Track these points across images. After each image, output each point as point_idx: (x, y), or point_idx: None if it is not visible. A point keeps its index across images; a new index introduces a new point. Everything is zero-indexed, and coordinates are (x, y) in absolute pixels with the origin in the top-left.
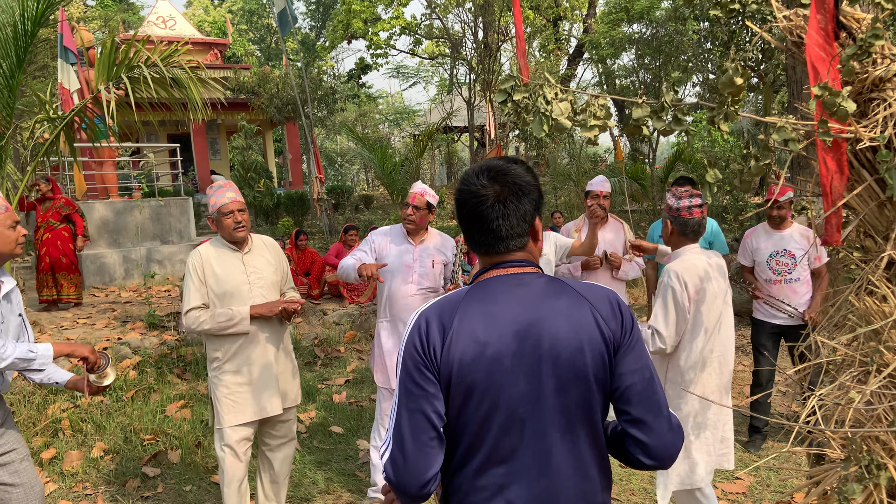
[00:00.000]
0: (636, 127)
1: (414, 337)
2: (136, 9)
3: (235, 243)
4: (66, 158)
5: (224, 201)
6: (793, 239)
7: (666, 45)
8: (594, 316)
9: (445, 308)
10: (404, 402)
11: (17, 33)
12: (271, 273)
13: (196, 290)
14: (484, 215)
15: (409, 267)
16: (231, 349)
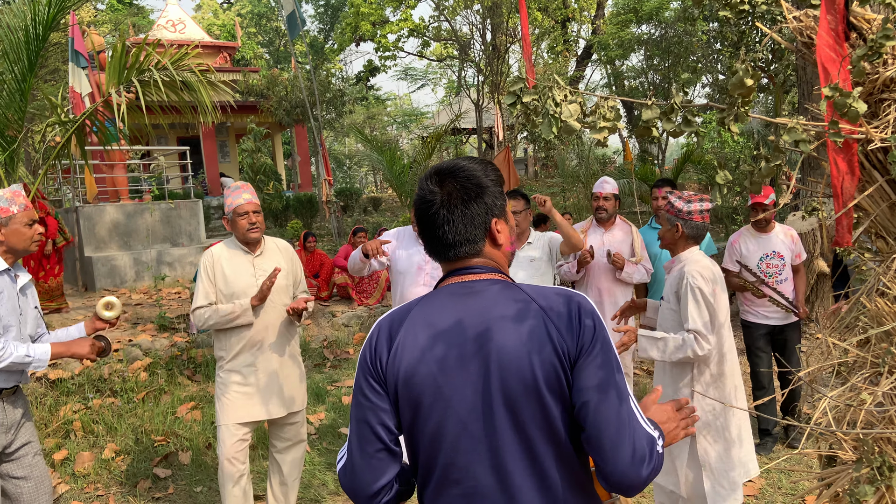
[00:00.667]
0: (646, 128)
1: (366, 347)
2: (145, 12)
3: (248, 244)
4: (78, 161)
5: (240, 202)
6: (779, 239)
7: (675, 45)
8: (546, 326)
9: (396, 318)
10: (354, 412)
11: (28, 37)
12: (281, 277)
13: (204, 289)
14: (431, 221)
15: (420, 268)
16: (235, 349)
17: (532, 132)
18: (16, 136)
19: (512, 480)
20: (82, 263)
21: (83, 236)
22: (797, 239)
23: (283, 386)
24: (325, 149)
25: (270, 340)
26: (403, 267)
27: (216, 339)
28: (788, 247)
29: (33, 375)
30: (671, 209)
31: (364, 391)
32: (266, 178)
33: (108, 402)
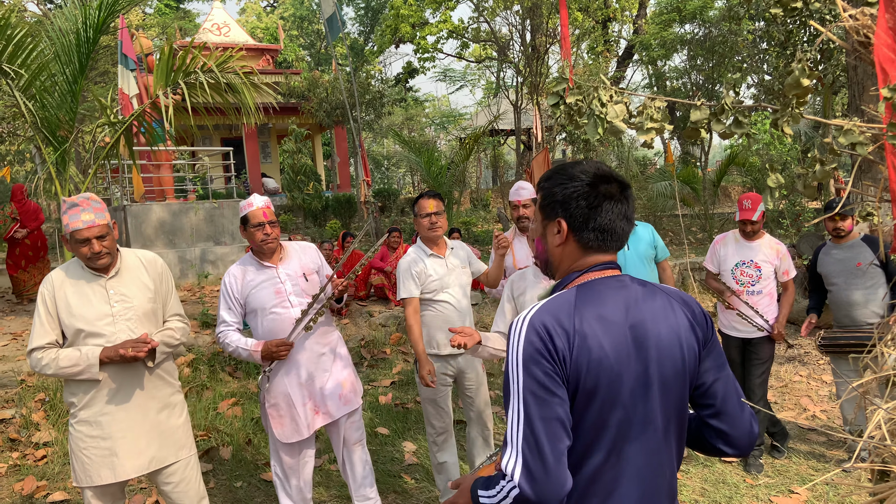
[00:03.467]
0: (694, 130)
1: (536, 343)
2: (192, 16)
3: (96, 269)
4: (126, 161)
5: (78, 225)
6: (761, 251)
7: (719, 45)
8: (687, 316)
9: (561, 312)
10: (536, 411)
11: (79, 40)
12: (145, 301)
13: (42, 326)
14: (610, 213)
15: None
16: (86, 396)
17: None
18: (67, 137)
19: (661, 460)
20: None
21: (130, 234)
22: (784, 255)
23: (157, 433)
24: (363, 150)
25: (133, 382)
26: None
27: (65, 382)
28: (770, 260)
29: None
30: None
31: (547, 386)
32: (306, 179)
33: None
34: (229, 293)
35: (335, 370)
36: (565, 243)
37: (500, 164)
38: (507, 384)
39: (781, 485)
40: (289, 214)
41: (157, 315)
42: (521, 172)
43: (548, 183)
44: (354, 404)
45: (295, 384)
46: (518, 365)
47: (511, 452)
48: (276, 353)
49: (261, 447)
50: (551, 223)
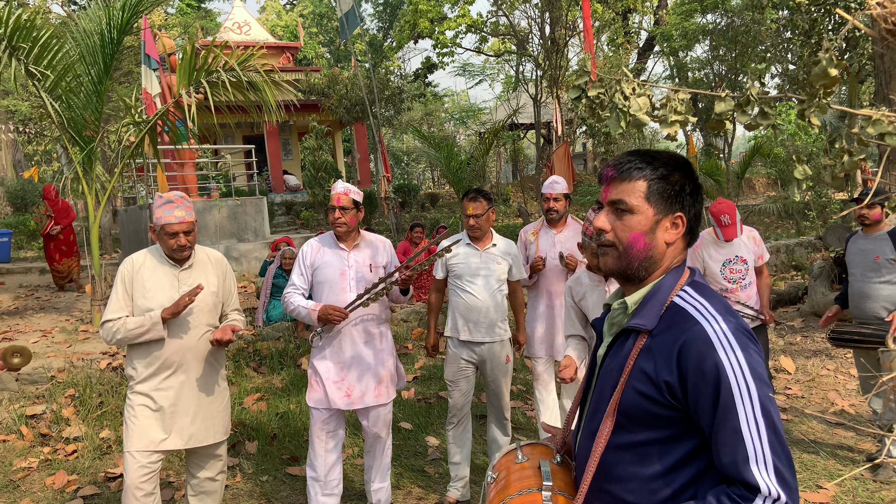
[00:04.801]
0: (719, 122)
1: (754, 347)
2: (213, 15)
3: (174, 259)
4: (150, 160)
5: (171, 220)
6: (742, 244)
7: (742, 35)
8: None
9: (729, 306)
10: (776, 416)
11: (104, 41)
12: (207, 294)
13: (118, 301)
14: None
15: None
16: (147, 369)
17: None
18: (93, 136)
19: None
20: None
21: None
22: (759, 240)
23: (200, 415)
24: (383, 146)
25: (189, 365)
26: (327, 276)
27: (127, 355)
28: (751, 249)
29: (108, 365)
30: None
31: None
32: (327, 175)
33: None
34: (303, 260)
35: (377, 362)
36: (677, 241)
37: (520, 158)
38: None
39: (809, 480)
40: (310, 211)
41: (216, 309)
42: (542, 166)
43: (664, 169)
44: (384, 399)
45: (336, 361)
46: (745, 373)
47: (759, 466)
48: (331, 316)
49: (286, 442)
50: (667, 217)
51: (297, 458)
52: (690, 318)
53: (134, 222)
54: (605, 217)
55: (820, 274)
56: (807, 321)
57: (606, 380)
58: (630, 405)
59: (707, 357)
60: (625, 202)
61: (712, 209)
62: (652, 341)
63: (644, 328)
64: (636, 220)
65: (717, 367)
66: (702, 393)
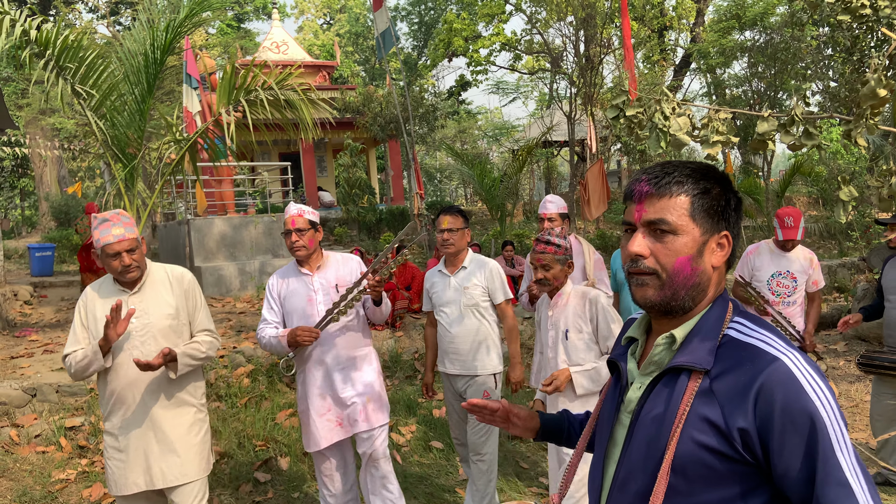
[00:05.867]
0: (761, 142)
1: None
2: (252, 35)
3: (123, 283)
4: (190, 177)
5: (109, 239)
6: (797, 261)
7: (782, 52)
8: None
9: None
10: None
11: (147, 61)
12: (163, 318)
13: (73, 334)
14: None
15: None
16: (108, 407)
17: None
18: (135, 154)
19: None
20: (192, 273)
21: (193, 247)
22: (816, 264)
23: (165, 452)
24: (417, 163)
25: (147, 397)
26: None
27: (99, 394)
28: (805, 270)
29: None
30: (561, 250)
31: None
32: (361, 192)
33: (214, 406)
34: (270, 293)
35: (360, 384)
36: (723, 265)
37: (554, 175)
38: (824, 445)
39: None
40: (344, 227)
41: (177, 332)
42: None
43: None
44: (375, 422)
45: (316, 393)
46: (837, 418)
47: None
48: (301, 337)
49: None
50: (713, 238)
51: None
52: (765, 354)
53: (173, 237)
54: (641, 240)
55: (864, 296)
56: (850, 345)
57: (650, 431)
58: (689, 461)
59: (796, 400)
60: (667, 222)
61: (779, 211)
62: (714, 383)
63: (698, 367)
64: (681, 243)
65: (810, 412)
66: (791, 442)
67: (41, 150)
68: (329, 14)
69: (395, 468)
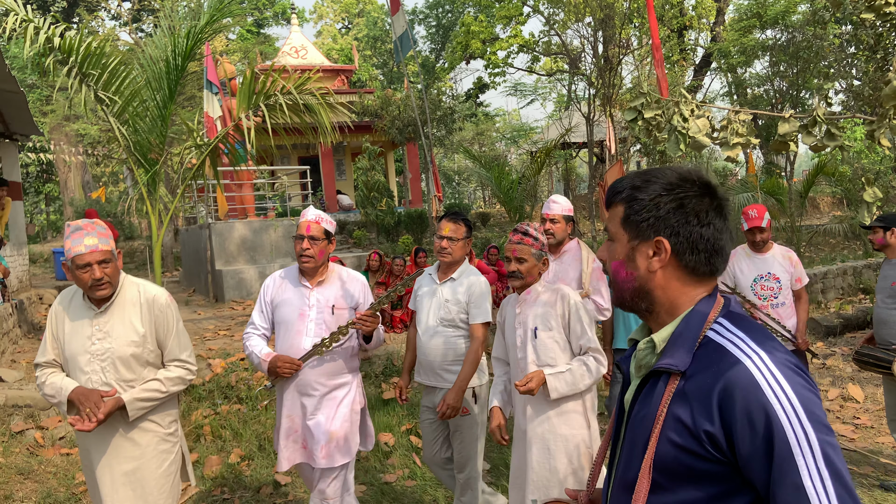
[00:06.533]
0: (783, 143)
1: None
2: (272, 40)
3: (92, 300)
4: (210, 181)
5: (80, 250)
6: (776, 261)
7: (804, 50)
8: None
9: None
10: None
11: (169, 68)
12: (125, 344)
13: (44, 343)
14: (722, 230)
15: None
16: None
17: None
18: (157, 159)
19: None
20: (213, 276)
21: (214, 251)
22: (796, 261)
23: (127, 482)
24: (435, 166)
25: (107, 429)
26: (285, 316)
27: None
28: (786, 269)
29: None
30: (538, 244)
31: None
32: (379, 195)
33: (235, 409)
34: (263, 296)
35: (329, 419)
36: (666, 268)
37: (572, 177)
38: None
39: None
40: (362, 230)
41: (141, 361)
42: (594, 185)
43: (639, 191)
44: (335, 462)
45: (285, 414)
46: (800, 416)
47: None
48: (281, 370)
49: None
50: (644, 244)
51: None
52: (729, 355)
53: (194, 241)
54: (603, 246)
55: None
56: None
57: (637, 430)
58: (667, 460)
59: (755, 401)
60: (609, 230)
61: (744, 209)
62: (686, 384)
63: (675, 369)
64: (617, 249)
65: (766, 412)
66: (752, 445)
67: (65, 156)
68: (347, 18)
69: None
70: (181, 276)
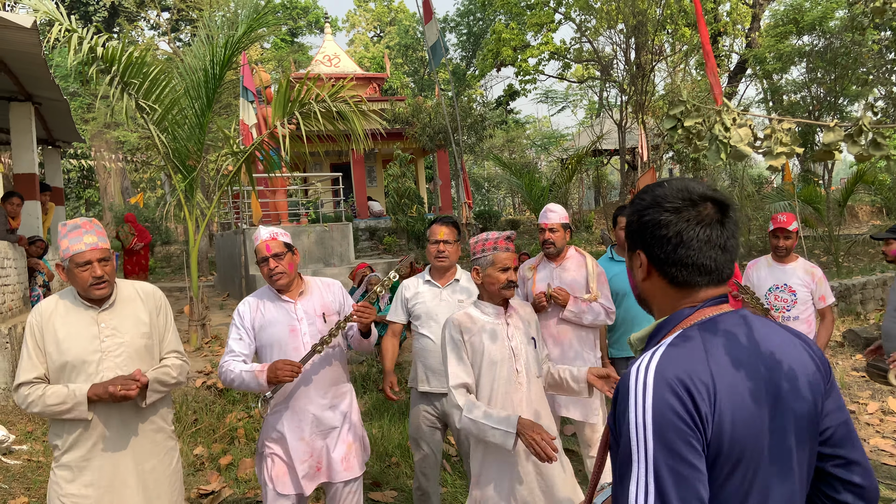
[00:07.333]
0: (827, 153)
1: (671, 402)
2: (305, 49)
3: (90, 299)
4: (245, 188)
5: (80, 247)
6: (795, 274)
7: (842, 57)
8: (811, 355)
9: (695, 363)
10: (674, 491)
11: (207, 77)
12: (137, 336)
13: (29, 359)
14: (697, 243)
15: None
16: (70, 437)
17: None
18: (195, 166)
19: None
20: (247, 280)
21: (248, 257)
22: (820, 278)
23: (143, 485)
24: (465, 172)
25: (120, 426)
26: (275, 336)
27: (50, 422)
28: (805, 284)
29: (203, 384)
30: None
31: (689, 461)
32: (409, 202)
33: (256, 413)
34: (240, 322)
35: (343, 431)
36: (650, 278)
37: (603, 184)
38: (624, 447)
39: None
40: (393, 236)
41: (151, 352)
42: (626, 192)
43: (630, 207)
44: (355, 473)
45: (297, 437)
46: (647, 430)
47: None
48: (282, 372)
49: (368, 466)
50: (633, 255)
51: (380, 483)
52: (630, 364)
53: (229, 247)
54: None
55: None
56: None
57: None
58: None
59: (624, 409)
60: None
61: (774, 214)
62: None
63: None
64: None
65: (626, 418)
66: (616, 443)
67: (105, 163)
68: (379, 27)
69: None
70: (216, 281)
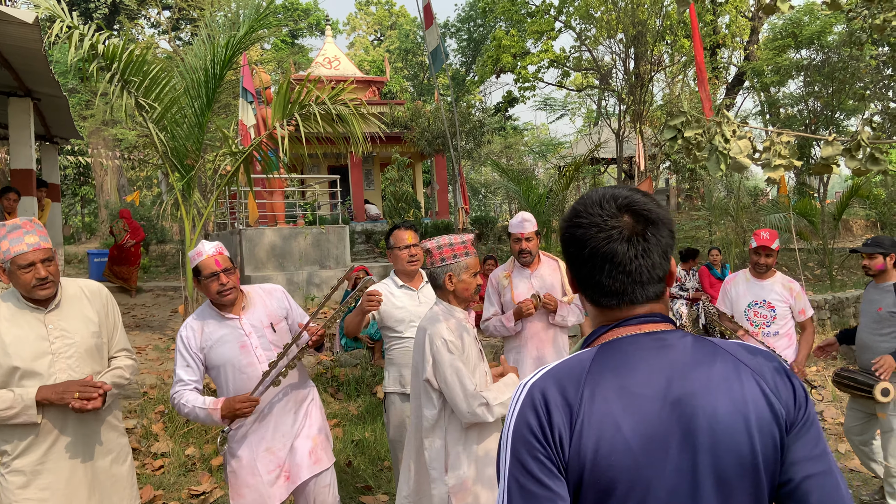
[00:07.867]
0: (825, 166)
1: (528, 416)
2: (306, 51)
3: (36, 301)
4: (243, 188)
5: (22, 248)
6: (773, 290)
7: (839, 71)
8: (760, 386)
9: (567, 379)
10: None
11: (207, 76)
12: (88, 336)
13: None
14: (617, 253)
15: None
16: (22, 443)
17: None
18: (193, 165)
19: None
20: (242, 281)
21: (244, 257)
22: (797, 292)
23: (99, 486)
24: (462, 178)
25: (74, 427)
26: (226, 355)
27: None
28: (784, 299)
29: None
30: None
31: (536, 475)
32: (407, 206)
33: None
34: (187, 348)
35: (305, 429)
36: (580, 294)
37: None
38: (496, 461)
39: None
40: None
41: (101, 351)
42: None
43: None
44: (325, 464)
45: (262, 450)
46: (507, 441)
47: None
48: (240, 410)
49: (360, 470)
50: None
51: (372, 486)
52: None
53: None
54: None
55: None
56: None
57: None
58: None
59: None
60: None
61: (756, 230)
62: None
63: None
64: None
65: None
66: None
67: (102, 160)
68: (380, 30)
69: None
70: None
